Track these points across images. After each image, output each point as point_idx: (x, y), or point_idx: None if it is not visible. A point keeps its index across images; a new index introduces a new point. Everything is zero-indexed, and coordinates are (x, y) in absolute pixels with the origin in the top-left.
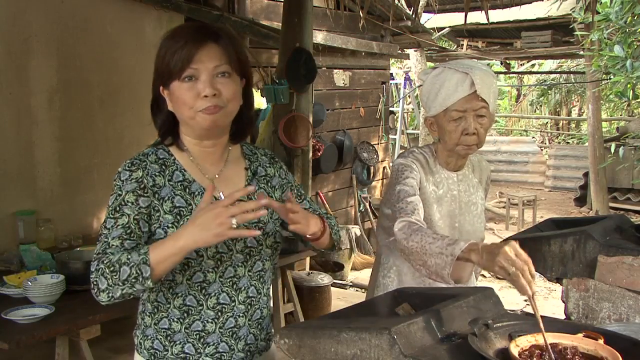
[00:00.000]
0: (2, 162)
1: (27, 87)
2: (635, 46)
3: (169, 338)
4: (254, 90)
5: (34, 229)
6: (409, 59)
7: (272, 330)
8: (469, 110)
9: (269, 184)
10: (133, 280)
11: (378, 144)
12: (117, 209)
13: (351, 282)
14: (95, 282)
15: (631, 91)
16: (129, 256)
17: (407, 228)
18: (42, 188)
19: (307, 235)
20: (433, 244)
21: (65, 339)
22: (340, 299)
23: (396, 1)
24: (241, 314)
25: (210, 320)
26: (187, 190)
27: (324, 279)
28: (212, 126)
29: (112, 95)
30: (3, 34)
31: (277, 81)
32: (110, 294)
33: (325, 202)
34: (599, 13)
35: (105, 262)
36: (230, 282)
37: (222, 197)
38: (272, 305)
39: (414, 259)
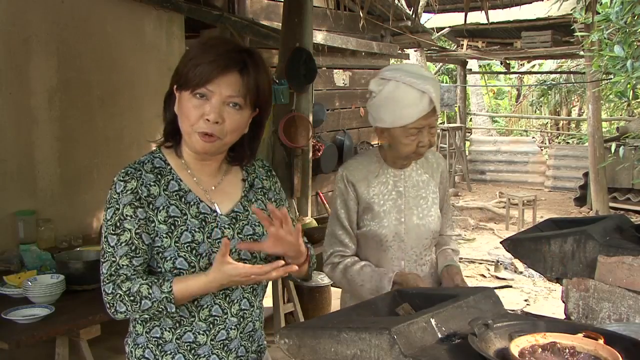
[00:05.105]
0: (2, 162)
1: (27, 87)
2: (636, 46)
3: (160, 347)
4: None
5: (34, 229)
6: (409, 59)
7: (264, 343)
8: (425, 127)
9: (266, 196)
10: (156, 312)
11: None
12: (118, 224)
13: None
14: (111, 304)
15: (631, 91)
16: (150, 290)
17: (334, 271)
18: (42, 188)
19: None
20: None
21: (65, 339)
22: (340, 299)
23: (396, 1)
24: (233, 327)
25: (201, 332)
26: (183, 200)
27: (324, 279)
28: (203, 152)
29: (112, 95)
30: (3, 34)
31: (277, 81)
32: (128, 315)
33: (325, 202)
34: (599, 13)
35: (124, 289)
36: (223, 295)
37: (218, 209)
38: (264, 317)
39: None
